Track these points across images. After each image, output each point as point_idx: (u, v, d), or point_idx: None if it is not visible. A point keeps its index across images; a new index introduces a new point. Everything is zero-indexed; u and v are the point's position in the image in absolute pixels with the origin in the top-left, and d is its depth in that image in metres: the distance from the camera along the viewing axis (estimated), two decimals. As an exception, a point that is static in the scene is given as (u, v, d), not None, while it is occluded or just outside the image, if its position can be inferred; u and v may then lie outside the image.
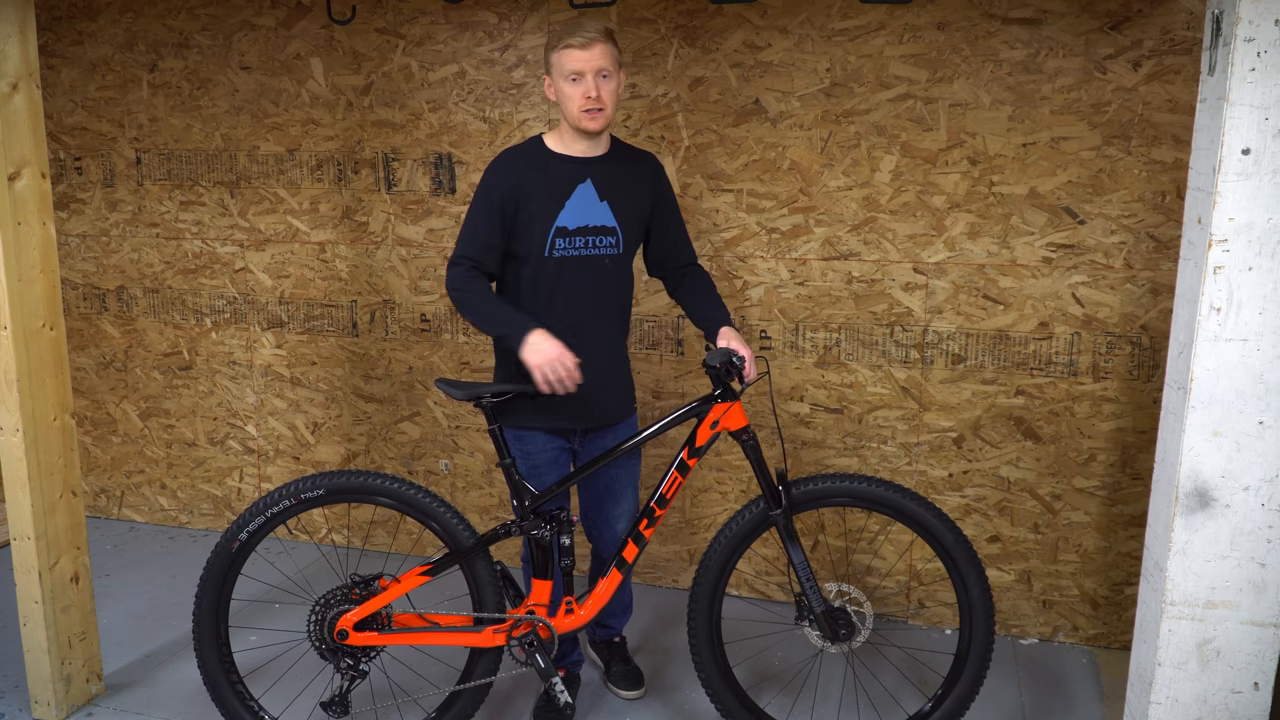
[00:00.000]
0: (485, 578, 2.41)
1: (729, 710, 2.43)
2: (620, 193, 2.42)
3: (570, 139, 2.39)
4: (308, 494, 2.40)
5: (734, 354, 2.30)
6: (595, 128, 2.32)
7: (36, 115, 2.51)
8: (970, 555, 2.34)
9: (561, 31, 2.30)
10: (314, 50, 3.44)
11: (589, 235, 2.39)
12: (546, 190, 2.36)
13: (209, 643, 2.44)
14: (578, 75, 2.27)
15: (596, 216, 2.39)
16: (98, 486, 4.07)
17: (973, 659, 2.36)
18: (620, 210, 2.42)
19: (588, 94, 2.27)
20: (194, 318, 3.78)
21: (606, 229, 2.41)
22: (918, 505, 2.34)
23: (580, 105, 2.29)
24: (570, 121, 2.34)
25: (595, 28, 2.28)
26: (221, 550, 2.42)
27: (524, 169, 2.37)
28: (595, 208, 2.39)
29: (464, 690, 2.43)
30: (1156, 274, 2.82)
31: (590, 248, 2.39)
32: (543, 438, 2.48)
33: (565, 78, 2.28)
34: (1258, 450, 1.95)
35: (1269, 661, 2.03)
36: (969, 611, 2.35)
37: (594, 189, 2.39)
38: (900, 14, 2.87)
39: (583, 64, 2.26)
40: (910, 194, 2.96)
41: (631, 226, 2.45)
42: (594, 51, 2.26)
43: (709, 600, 2.41)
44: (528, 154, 2.41)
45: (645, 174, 2.49)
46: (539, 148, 2.42)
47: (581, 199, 2.38)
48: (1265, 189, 1.85)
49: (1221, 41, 1.87)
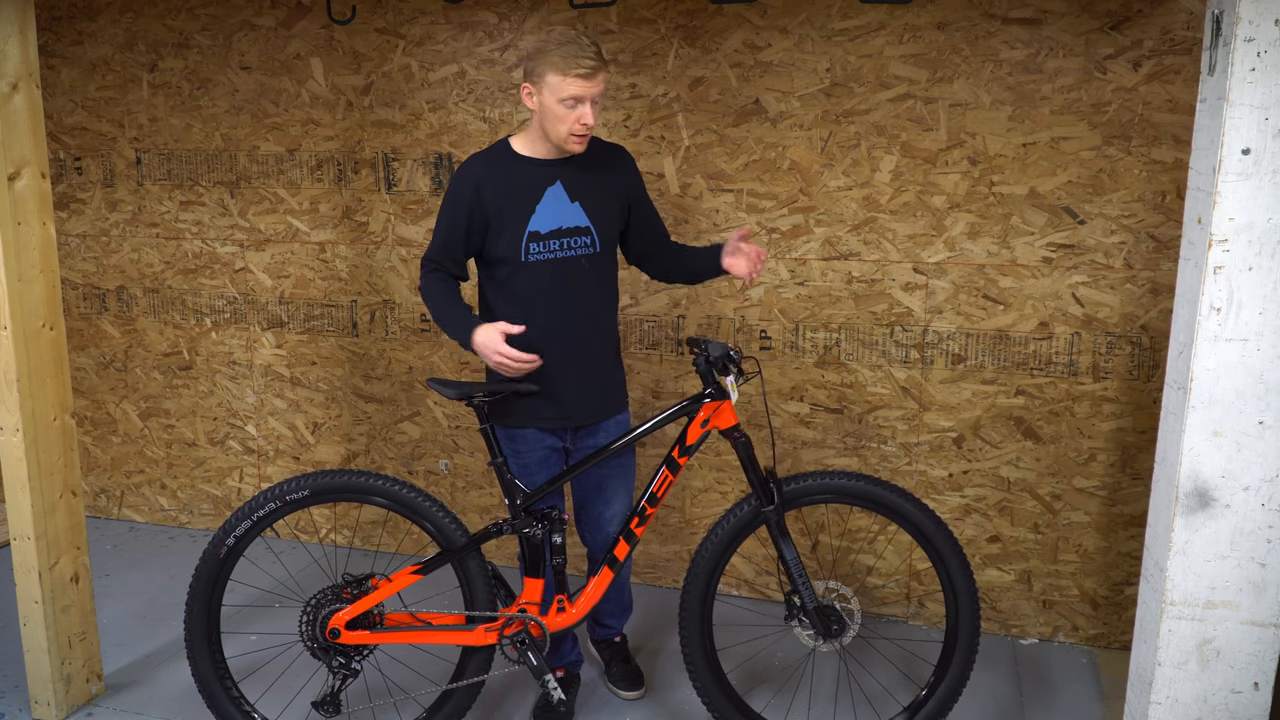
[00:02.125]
0: (477, 576, 2.42)
1: (721, 712, 2.43)
2: (591, 192, 2.41)
3: (538, 142, 2.36)
4: (293, 495, 2.39)
5: (731, 348, 2.31)
6: (580, 149, 2.32)
7: (36, 115, 2.51)
8: (952, 543, 2.37)
9: (559, 49, 2.22)
10: (314, 50, 3.44)
11: (563, 237, 2.38)
12: (515, 196, 2.35)
13: (201, 650, 2.44)
14: (576, 101, 2.24)
15: (569, 218, 2.38)
16: (98, 486, 4.07)
17: (961, 644, 2.39)
18: (593, 209, 2.41)
19: (582, 120, 2.25)
20: (194, 318, 3.78)
21: (580, 229, 2.40)
22: (898, 497, 2.36)
23: (571, 130, 2.27)
24: (554, 139, 2.31)
25: (595, 54, 2.23)
26: (209, 556, 2.41)
27: (490, 176, 2.36)
28: (567, 209, 2.38)
29: (456, 689, 2.43)
30: (1156, 274, 2.82)
31: (566, 249, 2.38)
32: (533, 436, 2.48)
33: (560, 100, 2.23)
34: (1258, 450, 1.95)
35: (1269, 661, 2.03)
36: (954, 598, 2.38)
37: (564, 190, 2.38)
38: (900, 14, 2.87)
39: (584, 92, 2.23)
40: (910, 194, 2.96)
41: (606, 225, 2.44)
42: (596, 81, 2.23)
43: (700, 600, 2.41)
44: (494, 160, 2.39)
45: (616, 169, 2.47)
46: (505, 152, 2.39)
47: (552, 201, 2.37)
48: (1265, 189, 1.85)
49: (1221, 41, 1.87)
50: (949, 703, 2.41)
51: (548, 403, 2.43)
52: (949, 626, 2.40)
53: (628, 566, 2.70)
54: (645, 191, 2.57)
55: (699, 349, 2.36)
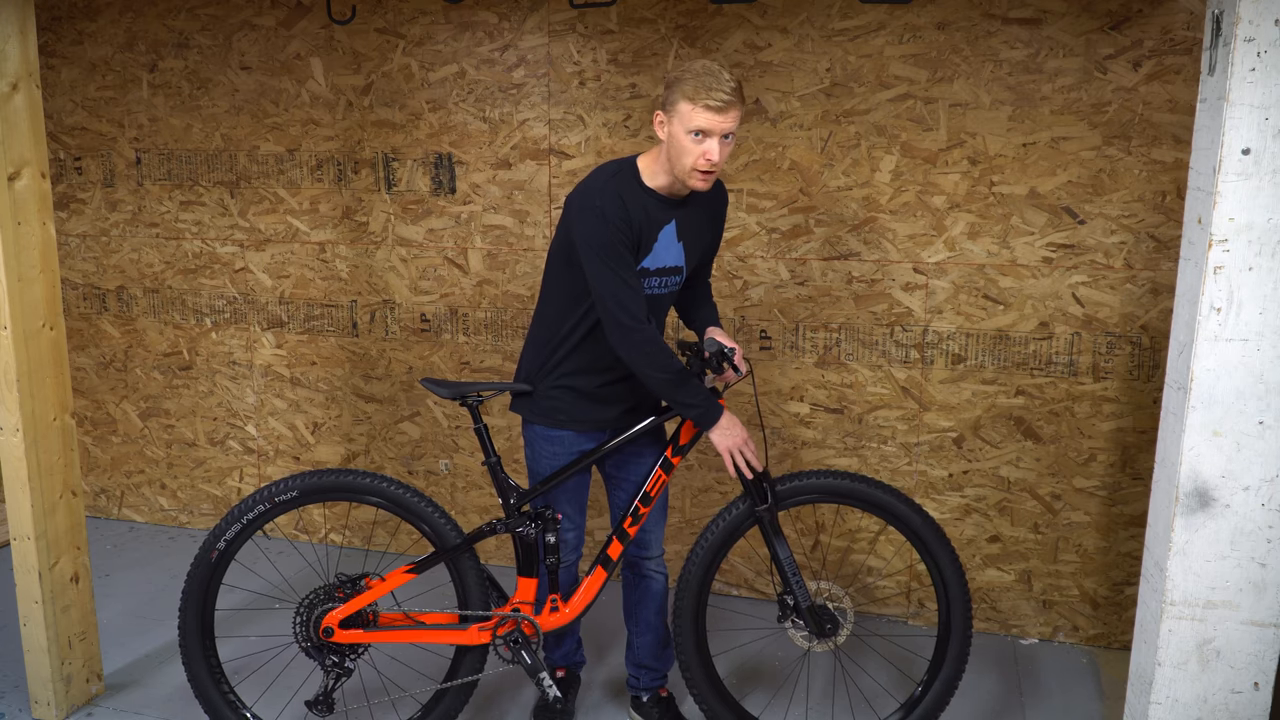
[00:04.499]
0: (471, 575, 2.41)
1: (714, 713, 2.43)
2: (695, 233, 2.35)
3: (663, 176, 2.24)
4: (282, 497, 2.39)
5: (724, 345, 2.31)
6: (704, 188, 2.21)
7: (36, 115, 2.51)
8: (942, 540, 2.38)
9: (695, 78, 2.11)
10: (314, 50, 3.44)
11: (664, 275, 2.33)
12: (644, 229, 2.25)
13: (196, 654, 2.44)
14: (704, 133, 2.12)
15: (672, 258, 2.32)
16: (98, 486, 4.07)
17: (954, 638, 2.40)
18: (690, 251, 2.36)
19: (708, 156, 2.13)
20: (194, 318, 3.78)
21: (677, 269, 2.35)
22: (888, 496, 2.37)
23: (695, 164, 2.15)
24: (678, 173, 2.20)
25: (734, 89, 2.11)
26: (201, 561, 2.41)
27: (630, 204, 2.23)
28: (673, 249, 2.32)
29: (450, 688, 2.43)
30: (1156, 274, 2.82)
31: (662, 287, 2.34)
32: (570, 438, 2.44)
33: (688, 131, 2.12)
34: (1258, 450, 1.95)
35: (1269, 661, 2.03)
36: (945, 593, 2.39)
37: (675, 230, 2.31)
38: (900, 14, 2.87)
39: (713, 125, 2.11)
40: (910, 194, 2.96)
41: (694, 263, 2.40)
42: (728, 115, 2.11)
43: (694, 601, 2.41)
44: (627, 185, 2.24)
45: (717, 211, 2.43)
46: (635, 179, 2.26)
47: (665, 240, 2.30)
48: (1265, 189, 1.85)
49: (1221, 41, 1.86)
50: (945, 698, 2.42)
51: (595, 407, 2.40)
52: (941, 622, 2.42)
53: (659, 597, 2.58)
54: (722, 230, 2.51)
55: (690, 350, 2.36)
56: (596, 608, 2.58)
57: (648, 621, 2.59)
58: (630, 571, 2.59)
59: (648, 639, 2.61)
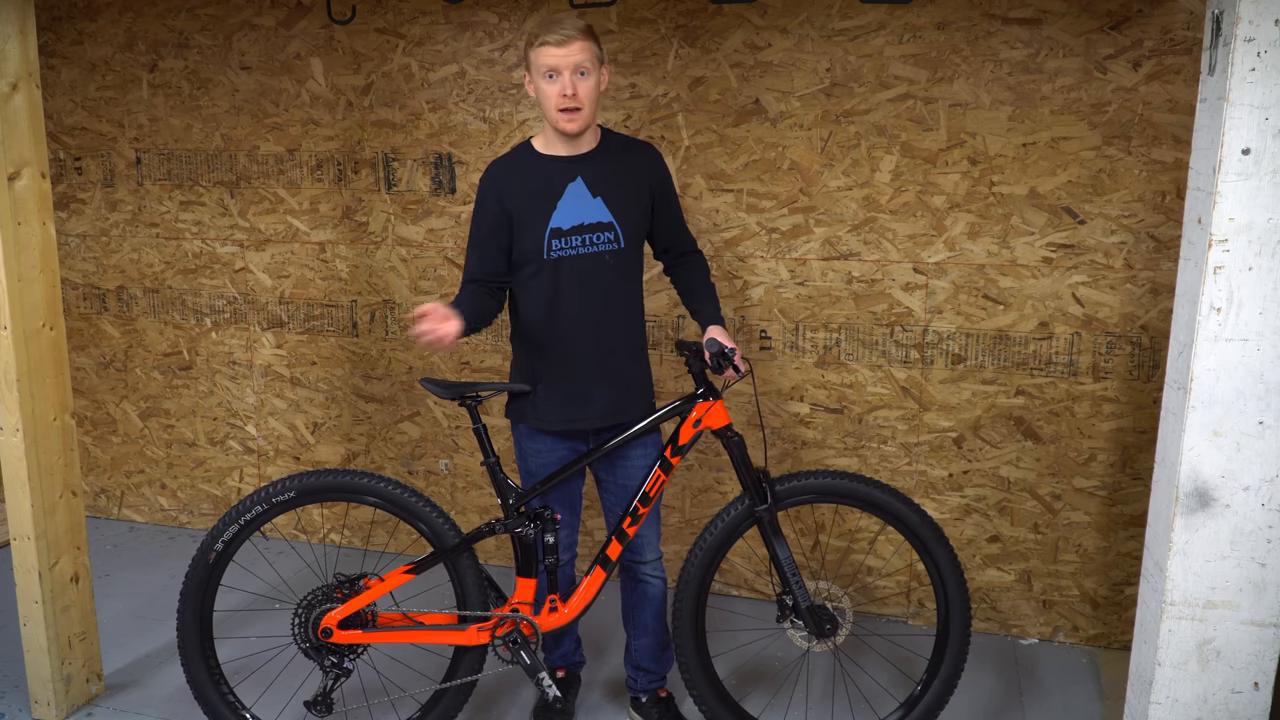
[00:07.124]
0: (469, 576, 2.41)
1: (714, 714, 2.43)
2: (615, 187, 2.38)
3: (555, 138, 2.35)
4: (279, 498, 2.39)
5: (724, 345, 2.31)
6: (573, 129, 2.28)
7: (36, 115, 2.51)
8: (939, 537, 2.38)
9: (538, 28, 2.26)
10: (314, 50, 3.44)
11: (585, 233, 2.36)
12: (536, 193, 2.34)
13: (195, 656, 2.44)
14: (554, 72, 2.23)
15: (591, 214, 2.36)
16: (98, 486, 4.07)
17: (954, 636, 2.40)
18: (616, 205, 2.38)
19: (563, 92, 2.23)
20: (194, 318, 3.78)
21: (603, 225, 2.37)
22: (886, 495, 2.37)
23: (556, 104, 2.25)
24: (549, 121, 2.31)
25: (573, 24, 2.23)
26: (198, 563, 2.41)
27: (510, 177, 2.36)
28: (589, 205, 2.36)
29: (449, 688, 2.43)
30: (1156, 274, 2.82)
31: (588, 245, 2.36)
32: (551, 440, 2.46)
33: (542, 75, 2.24)
34: (1258, 450, 1.95)
35: (1269, 661, 2.03)
36: (943, 591, 2.40)
37: (585, 186, 2.36)
38: (900, 14, 2.87)
39: (558, 61, 2.21)
40: (910, 194, 2.96)
41: (630, 220, 2.40)
42: (571, 48, 2.21)
43: (694, 602, 2.41)
44: (513, 161, 2.39)
45: (642, 165, 2.45)
46: (526, 152, 2.39)
47: (573, 197, 2.35)
48: (1265, 189, 1.85)
49: (1221, 41, 1.86)
50: (944, 697, 2.42)
51: (570, 403, 2.41)
52: (940, 620, 2.42)
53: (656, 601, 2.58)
54: (672, 190, 2.52)
55: (690, 350, 2.36)
56: (596, 608, 2.58)
57: (645, 625, 2.60)
58: (626, 576, 2.59)
59: (645, 642, 2.61)
